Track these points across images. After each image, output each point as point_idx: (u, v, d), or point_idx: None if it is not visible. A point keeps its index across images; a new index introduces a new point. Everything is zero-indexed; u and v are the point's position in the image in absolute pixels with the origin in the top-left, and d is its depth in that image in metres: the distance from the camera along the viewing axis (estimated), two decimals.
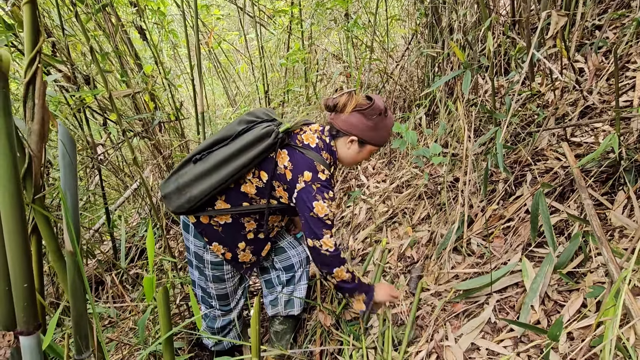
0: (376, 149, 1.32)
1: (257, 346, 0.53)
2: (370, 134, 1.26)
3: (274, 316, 1.57)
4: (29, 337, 0.52)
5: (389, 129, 1.31)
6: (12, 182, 0.48)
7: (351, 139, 1.26)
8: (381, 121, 1.27)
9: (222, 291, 1.42)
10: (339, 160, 1.33)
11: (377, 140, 1.29)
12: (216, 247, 1.32)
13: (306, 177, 1.18)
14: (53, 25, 2.17)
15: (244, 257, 1.36)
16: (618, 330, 0.65)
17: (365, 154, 1.32)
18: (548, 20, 1.28)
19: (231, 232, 1.30)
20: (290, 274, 1.51)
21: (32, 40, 0.50)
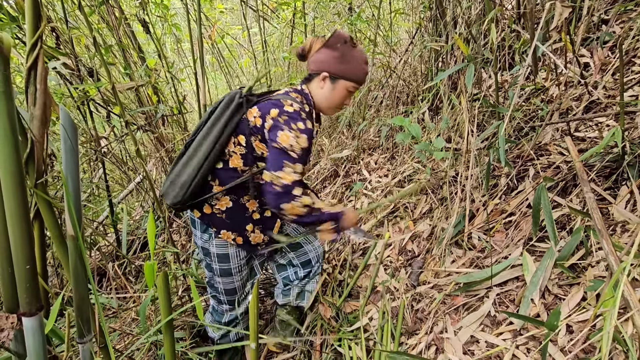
0: (352, 85, 1.22)
1: (255, 331, 0.54)
2: (339, 66, 1.19)
3: (283, 305, 1.58)
4: (32, 318, 0.53)
5: (360, 62, 1.21)
6: (14, 165, 0.49)
7: (323, 77, 1.21)
8: (348, 50, 1.19)
9: (229, 285, 1.40)
10: (318, 106, 1.28)
11: (348, 72, 1.20)
12: (225, 235, 1.31)
13: (272, 114, 1.15)
14: (57, 18, 2.18)
15: (255, 238, 1.33)
16: (616, 321, 0.65)
17: (340, 91, 1.22)
18: (553, 12, 1.27)
19: (236, 216, 1.28)
20: (308, 269, 1.51)
21: (33, 26, 0.51)
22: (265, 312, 1.88)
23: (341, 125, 3.01)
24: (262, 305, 1.92)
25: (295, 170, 1.13)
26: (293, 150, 1.12)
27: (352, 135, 2.96)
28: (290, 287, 1.54)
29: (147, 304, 1.06)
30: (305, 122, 1.16)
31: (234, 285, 1.41)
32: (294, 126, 1.13)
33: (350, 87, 1.22)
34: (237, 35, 4.55)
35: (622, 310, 0.94)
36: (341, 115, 3.06)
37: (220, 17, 4.12)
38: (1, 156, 0.47)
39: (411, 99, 2.71)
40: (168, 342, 0.69)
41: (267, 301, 1.94)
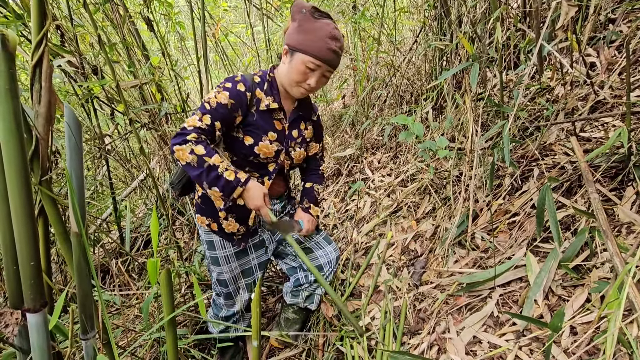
0: (310, 60, 1.10)
1: (257, 328, 0.54)
2: (296, 37, 1.11)
3: (290, 305, 1.59)
4: (36, 314, 0.53)
5: (322, 35, 1.09)
6: (19, 163, 0.49)
7: (284, 51, 1.16)
8: (306, 21, 1.10)
9: (220, 276, 1.40)
10: (281, 84, 1.22)
11: (303, 44, 1.10)
12: (200, 219, 1.33)
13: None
14: (62, 16, 2.19)
15: (229, 226, 1.30)
16: (621, 323, 0.64)
17: (297, 66, 1.12)
18: (558, 11, 1.26)
19: (209, 201, 1.28)
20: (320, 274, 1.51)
21: (38, 23, 0.51)
22: (268, 310, 1.88)
23: (344, 124, 3.01)
24: (264, 303, 1.93)
25: (202, 119, 1.10)
26: (209, 102, 1.13)
27: (355, 134, 2.96)
28: (300, 290, 1.54)
29: (150, 301, 1.06)
30: (236, 83, 1.15)
31: (224, 276, 1.39)
32: (222, 85, 1.15)
33: (309, 62, 1.11)
34: (240, 34, 4.55)
35: (627, 312, 0.94)
36: (344, 114, 3.05)
37: (224, 15, 4.12)
38: (6, 153, 0.47)
39: (415, 98, 2.70)
40: (171, 339, 0.70)
41: (269, 299, 1.94)
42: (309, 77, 1.14)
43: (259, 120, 1.21)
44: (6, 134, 0.47)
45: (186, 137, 1.09)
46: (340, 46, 1.14)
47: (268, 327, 1.76)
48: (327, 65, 1.13)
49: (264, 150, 1.22)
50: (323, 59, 1.11)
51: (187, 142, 1.08)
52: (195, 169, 1.09)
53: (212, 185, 1.12)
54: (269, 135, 1.22)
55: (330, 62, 1.13)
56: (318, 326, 1.58)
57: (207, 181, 1.11)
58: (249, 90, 1.18)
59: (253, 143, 1.20)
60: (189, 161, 1.09)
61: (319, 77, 1.15)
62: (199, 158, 1.08)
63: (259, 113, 1.21)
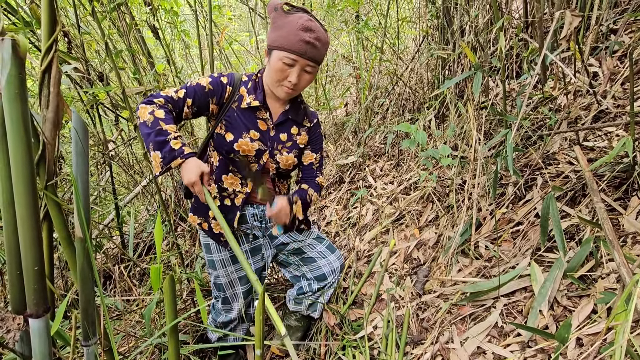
0: (285, 55, 1.08)
1: (260, 336, 0.53)
2: (271, 35, 1.12)
3: (293, 312, 1.58)
4: (38, 320, 0.53)
5: (294, 28, 1.07)
6: (27, 167, 0.49)
7: (265, 52, 1.18)
8: (279, 17, 1.10)
9: (217, 280, 1.41)
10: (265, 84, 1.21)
11: (277, 40, 1.09)
12: (192, 218, 1.35)
13: None
14: (69, 24, 2.22)
15: (216, 226, 1.33)
16: (629, 335, 0.63)
17: (275, 63, 1.11)
18: (562, 21, 1.27)
19: (198, 200, 1.31)
20: (323, 283, 1.49)
21: (49, 30, 0.52)
22: (269, 318, 1.87)
23: (347, 132, 3.01)
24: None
25: (177, 91, 1.16)
26: (190, 82, 1.19)
27: (357, 141, 2.96)
28: (303, 298, 1.53)
29: (153, 307, 1.06)
30: (220, 75, 1.21)
31: (220, 280, 1.41)
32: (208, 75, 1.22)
33: (284, 57, 1.08)
34: (244, 42, 4.60)
35: (635, 324, 0.92)
36: (347, 121, 3.06)
37: (228, 24, 4.17)
38: (14, 158, 0.48)
39: (417, 106, 2.71)
40: (172, 346, 0.69)
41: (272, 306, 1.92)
42: (288, 73, 1.11)
43: (239, 116, 1.23)
44: (15, 138, 0.47)
45: (154, 99, 1.13)
46: (316, 37, 1.09)
47: (269, 335, 1.74)
48: (304, 59, 1.09)
49: (243, 148, 1.20)
50: (297, 52, 1.07)
51: (152, 103, 1.13)
52: (147, 127, 1.08)
53: (156, 148, 1.08)
54: (250, 134, 1.22)
55: (305, 54, 1.08)
56: (320, 335, 1.56)
57: (153, 142, 1.08)
58: (231, 84, 1.22)
59: (233, 139, 1.21)
60: (145, 119, 1.09)
61: (298, 72, 1.11)
62: (155, 120, 1.09)
63: (240, 110, 1.23)
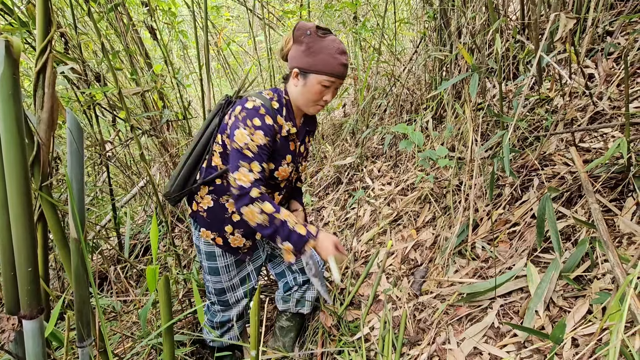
0: (325, 79, 1.13)
1: (256, 338, 0.53)
2: (306, 60, 1.13)
3: (283, 311, 1.58)
4: (32, 321, 0.52)
5: (332, 52, 1.12)
6: (20, 168, 0.49)
7: (295, 74, 1.17)
8: (314, 42, 1.13)
9: (218, 285, 1.40)
10: (296, 104, 1.24)
11: (316, 65, 1.12)
12: (205, 233, 1.32)
13: (236, 111, 1.15)
14: (66, 24, 2.21)
15: (235, 241, 1.32)
16: (623, 335, 0.64)
17: (313, 86, 1.15)
18: (557, 23, 1.27)
19: (215, 215, 1.29)
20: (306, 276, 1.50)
21: (43, 30, 0.51)
22: (266, 318, 1.87)
23: (345, 133, 3.02)
24: (262, 311, 1.91)
25: (252, 169, 1.10)
26: (248, 148, 1.10)
27: (355, 142, 2.97)
28: (290, 294, 1.53)
29: (149, 308, 1.05)
30: (263, 118, 1.13)
31: (222, 285, 1.40)
32: (249, 123, 1.10)
33: (324, 80, 1.14)
34: (242, 43, 4.60)
35: (629, 324, 0.93)
36: (345, 122, 3.07)
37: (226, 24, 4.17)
38: (8, 158, 0.48)
39: (415, 107, 2.72)
40: (168, 347, 0.69)
41: (268, 307, 1.92)
42: (324, 94, 1.18)
43: (279, 145, 1.23)
44: (8, 139, 0.47)
45: (250, 195, 1.09)
46: (347, 58, 1.18)
47: (265, 336, 1.74)
48: (340, 79, 1.18)
49: (282, 174, 1.26)
50: (337, 75, 1.15)
51: (253, 201, 1.09)
52: (267, 228, 1.11)
53: (284, 240, 1.12)
54: (286, 159, 1.26)
55: (342, 75, 1.17)
56: (316, 336, 1.56)
57: (280, 237, 1.12)
58: (274, 120, 1.18)
59: (274, 168, 1.24)
60: (259, 222, 1.10)
61: (333, 91, 1.19)
62: (270, 216, 1.10)
63: (280, 139, 1.22)
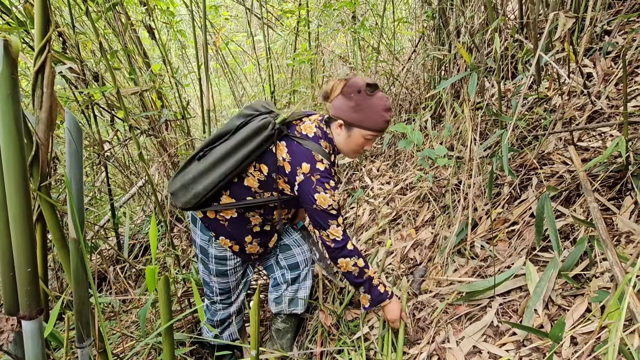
0: (370, 134, 1.22)
1: (256, 338, 0.53)
2: (353, 115, 1.19)
3: (277, 314, 1.57)
4: (31, 321, 0.52)
5: (379, 110, 1.19)
6: (19, 168, 0.49)
7: (339, 124, 1.22)
8: (363, 100, 1.18)
9: (224, 285, 1.43)
10: (338, 149, 1.29)
11: (363, 121, 1.19)
12: (223, 241, 1.34)
13: (304, 169, 1.17)
14: (64, 23, 2.21)
15: (251, 249, 1.38)
16: (622, 334, 0.64)
17: (357, 139, 1.23)
18: (556, 23, 1.28)
19: (237, 226, 1.31)
20: (296, 272, 1.51)
21: (42, 30, 0.51)
22: (266, 318, 1.87)
23: None
24: (261, 311, 1.91)
25: (339, 223, 1.23)
26: (333, 207, 1.21)
27: None
28: (281, 294, 1.53)
29: (148, 308, 1.05)
30: (334, 177, 1.24)
31: (229, 285, 1.44)
32: (328, 186, 1.19)
33: (368, 135, 1.22)
34: (241, 42, 4.59)
35: (628, 322, 0.93)
36: None
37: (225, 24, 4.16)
38: (6, 158, 0.47)
39: (414, 107, 2.72)
40: (168, 347, 0.69)
41: (267, 306, 1.92)
42: (367, 145, 1.27)
43: None
44: (6, 139, 0.47)
45: (347, 247, 1.25)
46: (391, 114, 1.27)
47: (264, 338, 1.74)
48: (382, 132, 1.25)
49: None
50: (381, 130, 1.23)
51: (350, 254, 1.25)
52: (356, 278, 1.28)
53: (366, 292, 1.31)
54: None
55: (385, 130, 1.24)
56: (316, 335, 1.56)
57: (364, 288, 1.31)
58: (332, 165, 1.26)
59: None
60: (351, 271, 1.27)
61: (373, 141, 1.28)
62: (360, 270, 1.27)
63: None
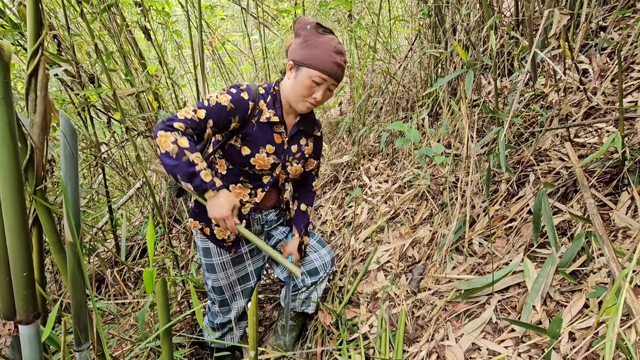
0: (316, 74, 1.12)
1: (254, 338, 0.53)
2: (300, 52, 1.13)
3: (288, 310, 1.57)
4: (28, 326, 0.52)
5: (327, 49, 1.12)
6: (13, 172, 0.49)
7: (289, 66, 1.17)
8: (312, 36, 1.13)
9: (216, 283, 1.40)
10: (286, 99, 1.22)
11: (310, 58, 1.11)
12: (193, 223, 1.33)
13: None
14: (59, 25, 2.19)
15: (220, 232, 1.32)
16: (619, 329, 0.64)
17: (303, 80, 1.13)
18: (551, 19, 1.28)
19: (202, 205, 1.27)
20: (316, 277, 1.49)
21: (34, 33, 0.51)
22: (265, 318, 1.87)
23: (341, 131, 3.02)
24: (261, 311, 1.91)
25: (196, 112, 1.10)
26: (208, 100, 1.13)
27: (352, 141, 2.97)
28: (297, 294, 1.53)
29: (146, 310, 1.05)
30: (240, 91, 1.16)
31: (220, 283, 1.40)
32: (225, 90, 1.16)
33: (315, 76, 1.12)
34: (237, 42, 4.58)
35: (625, 318, 0.94)
36: (341, 121, 3.07)
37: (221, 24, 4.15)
38: (0, 162, 0.47)
39: (411, 105, 2.72)
40: (166, 350, 0.69)
41: (267, 307, 1.92)
42: (314, 91, 1.15)
43: (257, 131, 1.21)
44: (0, 142, 0.47)
45: (173, 124, 1.07)
46: (344, 60, 1.16)
47: (265, 337, 1.74)
48: (333, 79, 1.15)
49: (259, 162, 1.23)
50: (329, 73, 1.13)
51: (173, 130, 1.06)
52: (172, 159, 1.06)
53: (185, 180, 1.08)
54: (266, 148, 1.22)
55: (335, 75, 1.15)
56: (316, 335, 1.56)
57: (182, 174, 1.07)
58: (252, 100, 1.18)
59: (250, 154, 1.21)
60: (168, 150, 1.05)
61: (324, 90, 1.16)
62: (180, 150, 1.05)
63: (258, 124, 1.21)
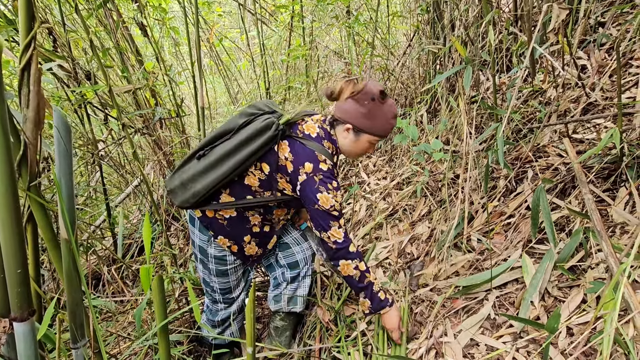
0: (376, 139, 1.25)
1: (252, 335, 0.53)
2: (364, 122, 1.21)
3: (276, 312, 1.57)
4: (23, 323, 0.52)
5: (388, 117, 1.22)
6: (5, 168, 0.48)
7: (346, 128, 1.23)
8: (376, 108, 1.20)
9: (225, 285, 1.42)
10: (340, 150, 1.30)
11: (372, 128, 1.22)
12: (222, 240, 1.32)
13: (307, 168, 1.17)
14: (54, 21, 2.17)
15: (249, 249, 1.36)
16: (617, 324, 0.64)
17: (363, 144, 1.25)
18: (550, 15, 1.27)
19: (236, 226, 1.30)
20: (296, 271, 1.50)
21: (26, 27, 0.50)
22: (263, 315, 1.87)
23: None
24: (259, 308, 1.91)
25: (341, 225, 1.22)
26: (335, 208, 1.20)
27: None
28: (280, 292, 1.53)
29: (143, 308, 1.05)
30: (337, 178, 1.24)
31: (229, 284, 1.44)
32: (330, 186, 1.19)
33: (374, 140, 1.25)
34: (235, 39, 4.56)
35: (623, 313, 0.94)
36: None
37: (218, 20, 4.13)
38: None
39: (409, 101, 2.72)
40: (163, 347, 0.68)
41: (265, 304, 1.92)
42: (371, 149, 1.30)
43: None
44: None
45: (349, 249, 1.24)
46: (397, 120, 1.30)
47: (263, 335, 1.74)
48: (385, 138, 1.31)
49: None
50: (386, 136, 1.28)
51: (351, 257, 1.24)
52: (357, 282, 1.26)
53: (366, 298, 1.28)
54: None
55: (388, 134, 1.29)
56: (314, 331, 1.56)
57: (364, 292, 1.28)
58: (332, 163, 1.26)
59: None
60: (352, 274, 1.25)
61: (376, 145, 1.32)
62: (362, 274, 1.26)
63: None
